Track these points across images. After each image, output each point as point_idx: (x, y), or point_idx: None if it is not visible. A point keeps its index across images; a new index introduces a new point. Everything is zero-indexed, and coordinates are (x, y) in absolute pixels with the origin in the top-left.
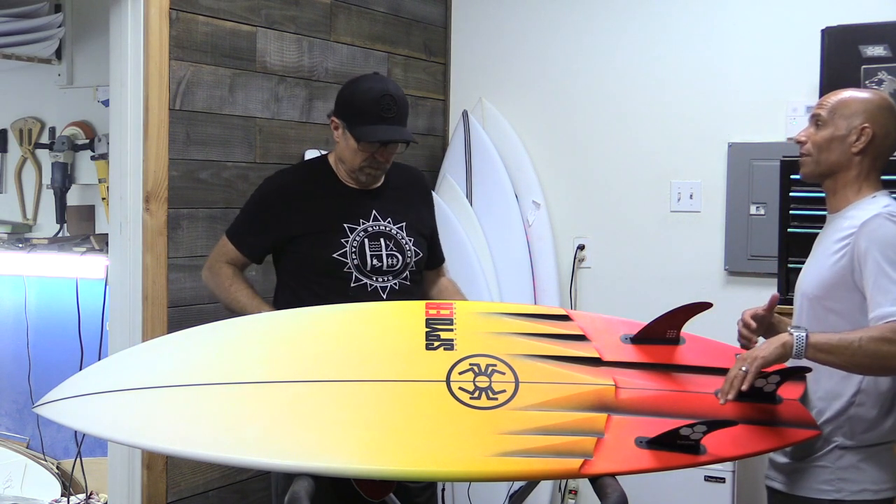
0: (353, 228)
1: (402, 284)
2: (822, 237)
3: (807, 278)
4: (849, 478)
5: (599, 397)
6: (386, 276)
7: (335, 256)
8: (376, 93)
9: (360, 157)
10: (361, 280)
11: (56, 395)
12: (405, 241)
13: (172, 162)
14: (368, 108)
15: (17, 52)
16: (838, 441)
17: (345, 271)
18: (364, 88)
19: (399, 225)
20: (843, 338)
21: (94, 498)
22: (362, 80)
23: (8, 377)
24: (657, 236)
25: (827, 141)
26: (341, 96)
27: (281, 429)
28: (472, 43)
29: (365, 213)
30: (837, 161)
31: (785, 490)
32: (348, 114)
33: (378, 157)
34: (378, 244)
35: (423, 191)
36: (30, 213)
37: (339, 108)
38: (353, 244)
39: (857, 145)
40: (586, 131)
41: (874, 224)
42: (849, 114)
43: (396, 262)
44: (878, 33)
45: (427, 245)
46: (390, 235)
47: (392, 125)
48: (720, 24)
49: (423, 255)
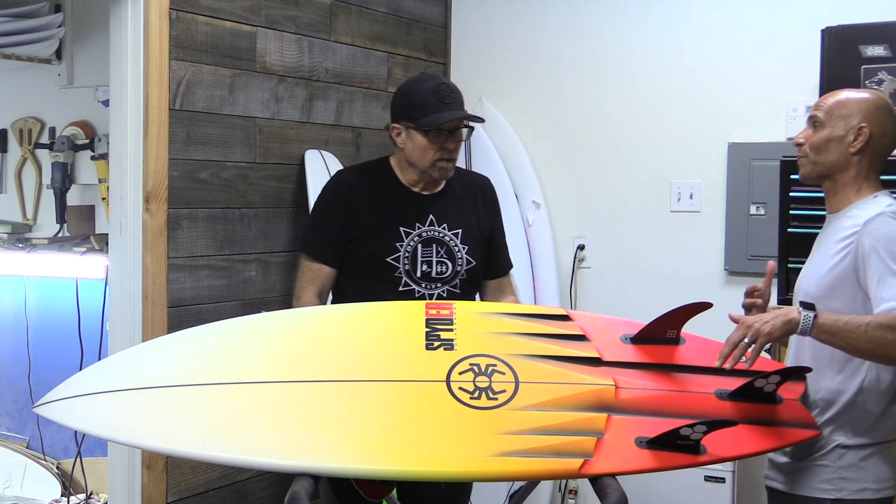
0: (409, 232)
1: (451, 292)
2: (823, 237)
3: (807, 278)
4: (850, 476)
5: (599, 397)
6: (435, 283)
7: (388, 260)
8: (432, 84)
9: (430, 151)
10: (410, 285)
11: (56, 395)
12: (458, 249)
13: (172, 162)
14: (428, 100)
15: (17, 52)
16: (839, 440)
17: (395, 275)
18: (418, 85)
19: (455, 231)
20: (851, 321)
21: (94, 498)
22: (413, 81)
23: (8, 377)
24: (657, 236)
25: (824, 142)
26: (396, 100)
27: (281, 429)
28: (472, 43)
29: (422, 217)
30: (836, 162)
31: (785, 490)
32: (409, 111)
33: (448, 146)
34: (430, 250)
35: (488, 198)
36: (30, 213)
37: (396, 111)
38: (407, 248)
39: (855, 145)
40: (586, 131)
41: (878, 222)
42: (846, 114)
43: (446, 270)
44: (878, 33)
45: (484, 254)
46: (443, 242)
47: (455, 110)
48: (720, 24)
49: (478, 264)
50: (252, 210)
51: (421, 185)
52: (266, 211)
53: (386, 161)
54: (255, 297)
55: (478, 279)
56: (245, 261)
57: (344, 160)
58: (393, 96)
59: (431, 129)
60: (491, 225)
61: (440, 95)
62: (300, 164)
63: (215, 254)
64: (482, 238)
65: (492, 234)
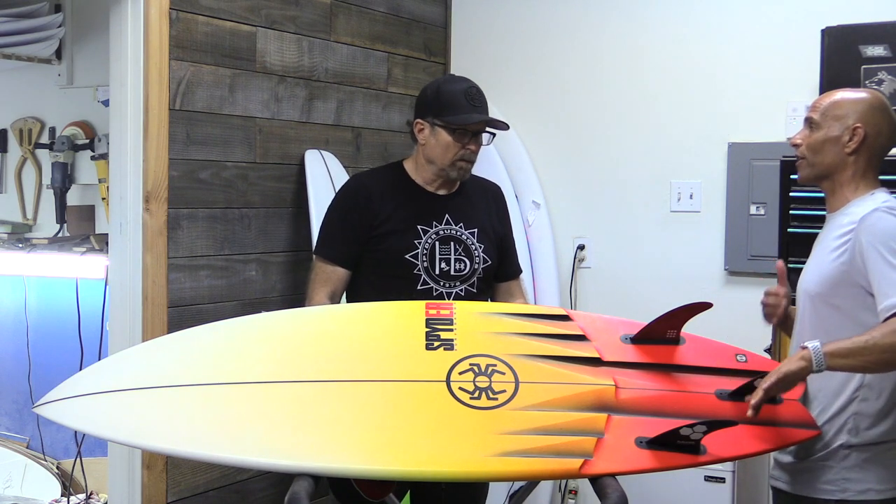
0: (426, 230)
1: (469, 291)
2: (823, 236)
3: (808, 276)
4: (853, 477)
5: (599, 397)
6: (453, 281)
7: (407, 257)
8: (462, 86)
9: (452, 150)
10: (428, 284)
11: (56, 395)
12: (475, 247)
13: (172, 162)
14: (458, 100)
15: (17, 52)
16: (843, 440)
17: (415, 273)
18: (449, 85)
19: (471, 230)
20: (856, 340)
21: (94, 498)
22: (444, 80)
23: (8, 377)
24: (657, 236)
25: (820, 143)
26: (424, 97)
27: (281, 429)
28: (472, 43)
29: (438, 216)
30: (832, 162)
31: (789, 490)
32: (437, 109)
33: (471, 146)
34: (448, 248)
35: (500, 203)
36: (30, 213)
37: (423, 108)
38: (426, 246)
39: (851, 145)
40: (586, 131)
41: (873, 218)
42: (841, 114)
43: (464, 268)
44: (878, 33)
45: (498, 254)
46: (460, 240)
47: (483, 114)
48: (720, 24)
49: (493, 264)
50: (252, 210)
51: (436, 184)
52: (266, 211)
53: (399, 164)
54: (255, 297)
55: (491, 280)
56: (245, 261)
57: (344, 160)
58: (421, 93)
59: (459, 127)
60: (503, 229)
61: (471, 98)
62: (300, 164)
63: (215, 254)
64: (496, 238)
65: (503, 237)
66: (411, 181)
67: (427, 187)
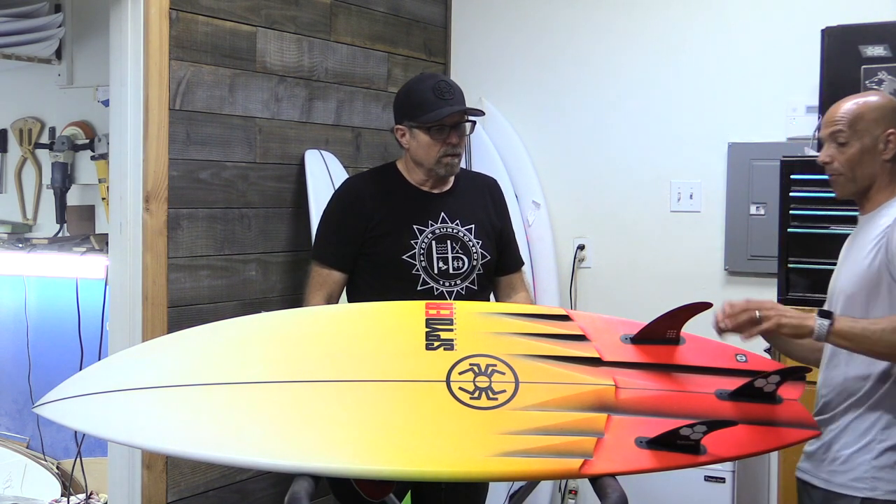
0: (422, 230)
1: (470, 289)
2: (856, 237)
3: (842, 277)
4: (884, 477)
5: (599, 397)
6: (453, 279)
7: (405, 258)
8: (431, 82)
9: (435, 148)
10: (428, 283)
11: (56, 395)
12: (472, 244)
13: (172, 162)
14: (428, 97)
15: (17, 52)
16: (875, 437)
17: (413, 273)
18: (417, 84)
19: (468, 227)
20: (866, 328)
21: (94, 498)
22: (413, 81)
23: (8, 377)
24: (657, 236)
25: (858, 156)
26: (398, 102)
27: (281, 429)
28: (472, 43)
29: (434, 214)
30: (872, 173)
31: (817, 484)
32: (411, 111)
33: (451, 140)
34: (444, 247)
35: (496, 195)
36: (30, 213)
37: (399, 113)
38: (422, 246)
39: (888, 153)
40: (586, 131)
41: None
42: (869, 124)
43: (463, 266)
44: (878, 33)
45: (497, 248)
46: (457, 238)
47: (454, 105)
48: (720, 24)
49: (492, 259)
50: (252, 210)
51: (430, 183)
52: (266, 211)
53: (392, 165)
54: (255, 297)
55: (492, 275)
56: (245, 261)
57: (344, 160)
58: (394, 99)
59: (433, 125)
60: (500, 222)
61: (439, 92)
62: (300, 164)
63: (215, 254)
64: (495, 232)
65: (502, 230)
66: (405, 181)
67: (421, 187)
